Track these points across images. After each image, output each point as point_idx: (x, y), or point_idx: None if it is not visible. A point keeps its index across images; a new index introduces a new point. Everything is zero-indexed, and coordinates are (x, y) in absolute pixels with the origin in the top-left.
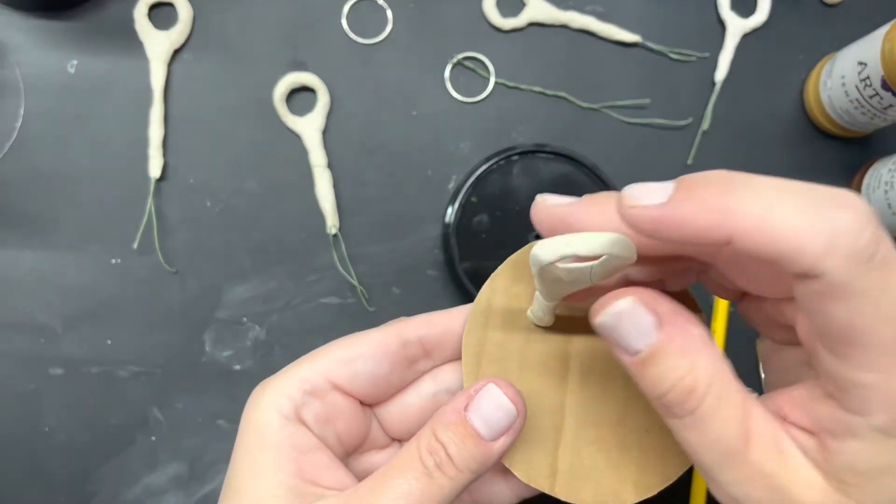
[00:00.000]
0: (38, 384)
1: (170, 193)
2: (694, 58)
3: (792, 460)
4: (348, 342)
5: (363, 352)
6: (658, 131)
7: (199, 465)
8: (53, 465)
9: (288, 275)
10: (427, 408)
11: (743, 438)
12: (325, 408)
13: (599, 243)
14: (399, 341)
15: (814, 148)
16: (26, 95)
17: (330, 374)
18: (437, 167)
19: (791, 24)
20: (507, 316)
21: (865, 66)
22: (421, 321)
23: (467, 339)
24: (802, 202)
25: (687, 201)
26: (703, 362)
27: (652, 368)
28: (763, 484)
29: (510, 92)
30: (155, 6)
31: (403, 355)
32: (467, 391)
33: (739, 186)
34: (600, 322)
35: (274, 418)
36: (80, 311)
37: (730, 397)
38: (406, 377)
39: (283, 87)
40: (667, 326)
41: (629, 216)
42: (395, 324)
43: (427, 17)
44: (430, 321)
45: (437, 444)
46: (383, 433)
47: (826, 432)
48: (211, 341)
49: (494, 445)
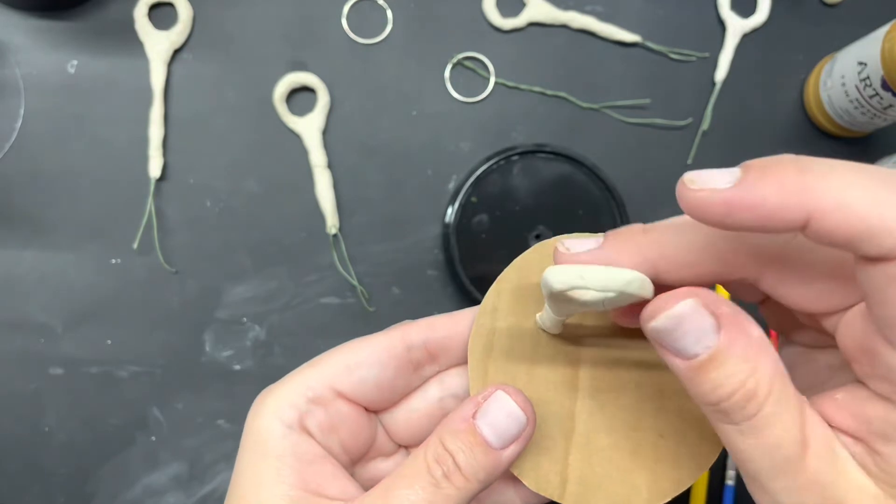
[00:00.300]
0: (38, 384)
1: (170, 193)
2: (694, 58)
3: (845, 467)
4: (352, 347)
5: (367, 358)
6: (658, 131)
7: (198, 465)
8: (53, 464)
9: (288, 275)
10: (433, 413)
11: (801, 445)
12: (329, 416)
13: (614, 283)
14: (403, 346)
15: (814, 148)
16: (26, 95)
17: (333, 382)
18: (437, 167)
19: (791, 25)
20: (514, 320)
21: (865, 66)
22: (425, 325)
23: (473, 344)
24: (882, 183)
25: (761, 181)
26: (765, 365)
27: (710, 373)
28: (818, 492)
29: (510, 92)
30: (155, 6)
31: (408, 360)
32: (475, 398)
33: (816, 167)
34: (656, 326)
35: (277, 427)
36: (80, 311)
37: (789, 401)
38: (411, 382)
39: (283, 86)
40: (727, 328)
41: (697, 200)
42: (399, 327)
43: (427, 17)
44: (434, 325)
45: (444, 452)
46: (389, 440)
47: (877, 436)
48: (211, 341)
49: (504, 454)
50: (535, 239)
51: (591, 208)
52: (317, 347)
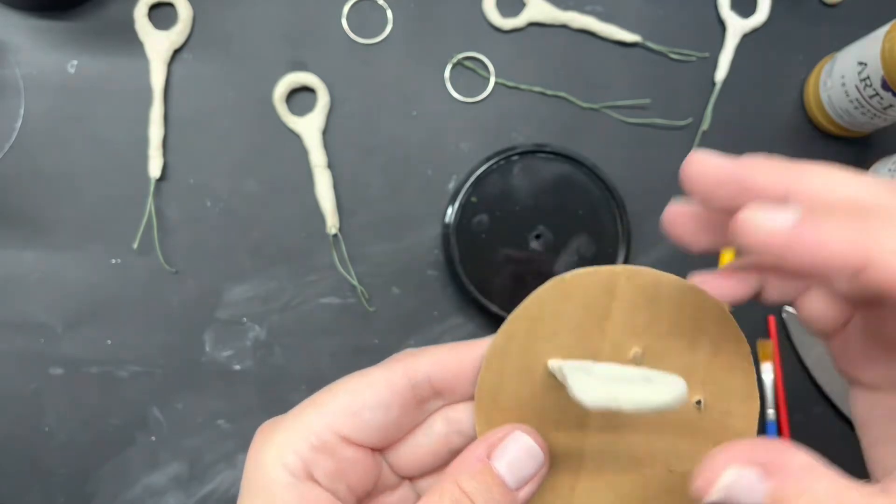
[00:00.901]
0: (39, 384)
1: (170, 193)
2: (694, 58)
3: None
4: (354, 387)
5: (371, 399)
6: (658, 131)
7: (199, 465)
8: (53, 464)
9: (288, 275)
10: (439, 450)
11: None
12: (335, 463)
13: (647, 405)
14: (408, 383)
15: (814, 148)
16: (26, 95)
17: (338, 427)
18: (437, 167)
19: (791, 25)
20: (525, 363)
21: (865, 66)
22: (430, 359)
23: (481, 385)
24: None
25: (822, 223)
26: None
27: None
28: None
29: (510, 92)
30: (155, 6)
31: (413, 397)
32: (487, 438)
33: (879, 212)
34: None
35: (282, 475)
36: (80, 311)
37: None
38: (416, 419)
39: (283, 87)
40: (775, 474)
41: (757, 237)
42: (403, 361)
43: (427, 18)
44: (440, 360)
45: (461, 494)
46: (392, 473)
47: None
48: (211, 341)
49: (520, 493)
50: (535, 240)
51: (591, 208)
52: (317, 347)
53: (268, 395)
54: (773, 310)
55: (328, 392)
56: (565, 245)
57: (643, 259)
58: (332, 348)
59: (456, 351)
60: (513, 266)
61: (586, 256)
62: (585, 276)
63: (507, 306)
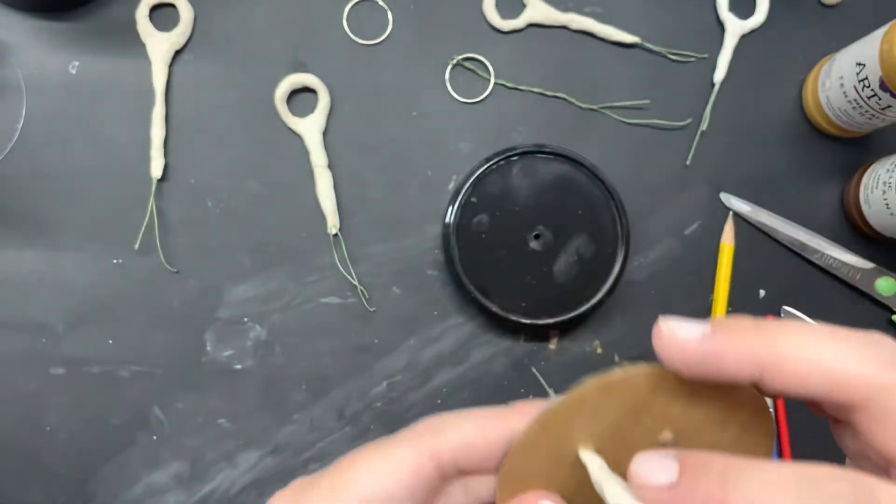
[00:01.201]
0: (40, 384)
1: (171, 194)
2: (693, 59)
3: None
4: (375, 465)
5: (395, 488)
6: (657, 132)
7: (200, 464)
8: (54, 464)
9: (289, 275)
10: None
11: None
12: None
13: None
14: (434, 465)
15: (812, 148)
16: (28, 96)
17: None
18: (437, 167)
19: (790, 25)
20: (556, 450)
21: (864, 66)
22: (457, 439)
23: (509, 467)
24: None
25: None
26: None
27: None
28: None
29: (510, 92)
30: (156, 7)
31: (438, 478)
32: (520, 501)
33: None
34: None
35: None
36: (81, 311)
37: None
38: (436, 495)
39: (283, 87)
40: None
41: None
42: (427, 437)
43: (427, 19)
44: (467, 440)
45: None
46: None
47: None
48: (212, 341)
49: None
50: (534, 240)
51: (591, 208)
52: (318, 347)
53: (269, 395)
54: (772, 309)
55: (346, 468)
56: (565, 245)
57: (642, 258)
58: (332, 348)
59: (483, 427)
60: (513, 266)
61: (586, 256)
62: (633, 376)
63: (506, 306)
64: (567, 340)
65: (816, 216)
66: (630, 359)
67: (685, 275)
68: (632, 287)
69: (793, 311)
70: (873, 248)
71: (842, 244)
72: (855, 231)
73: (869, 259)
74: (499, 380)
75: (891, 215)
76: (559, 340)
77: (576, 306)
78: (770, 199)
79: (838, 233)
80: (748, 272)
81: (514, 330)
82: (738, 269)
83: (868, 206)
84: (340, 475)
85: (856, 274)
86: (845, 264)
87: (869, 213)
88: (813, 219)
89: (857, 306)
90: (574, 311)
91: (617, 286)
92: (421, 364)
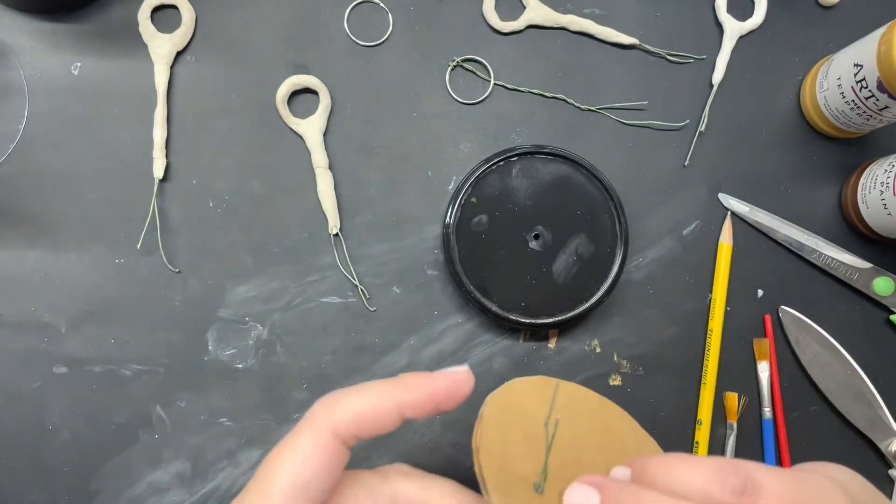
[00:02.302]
0: (42, 382)
1: (173, 194)
2: (691, 60)
3: None
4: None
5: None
6: (655, 133)
7: (201, 463)
8: (57, 462)
9: (290, 274)
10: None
11: None
12: None
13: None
14: (335, 440)
15: (810, 149)
16: (30, 97)
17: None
18: (437, 168)
19: (788, 26)
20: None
21: (861, 67)
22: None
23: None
24: None
25: None
26: None
27: None
28: None
29: (509, 94)
30: (158, 9)
31: (343, 447)
32: None
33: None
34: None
35: None
36: (83, 311)
37: None
38: (346, 458)
39: (284, 88)
40: None
41: None
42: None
43: (427, 20)
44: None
45: None
46: None
47: None
48: (213, 340)
49: None
50: (533, 239)
51: (589, 209)
52: (319, 346)
53: (270, 394)
54: (770, 308)
55: (269, 474)
56: (564, 245)
57: (640, 258)
58: (333, 347)
59: (371, 400)
60: (512, 266)
61: (584, 256)
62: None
63: (506, 305)
64: (566, 340)
65: (814, 216)
66: (629, 358)
67: (683, 275)
68: (630, 287)
69: (790, 310)
70: (871, 248)
71: (839, 244)
72: (852, 231)
73: (866, 259)
74: (498, 379)
75: (888, 215)
76: (558, 340)
77: (575, 306)
78: (768, 199)
79: (836, 233)
80: (746, 272)
81: (513, 329)
82: (736, 268)
83: (865, 206)
84: (263, 482)
85: (853, 274)
86: (843, 264)
87: (866, 213)
88: (811, 219)
89: (855, 306)
90: (573, 310)
91: (616, 286)
92: (421, 363)
